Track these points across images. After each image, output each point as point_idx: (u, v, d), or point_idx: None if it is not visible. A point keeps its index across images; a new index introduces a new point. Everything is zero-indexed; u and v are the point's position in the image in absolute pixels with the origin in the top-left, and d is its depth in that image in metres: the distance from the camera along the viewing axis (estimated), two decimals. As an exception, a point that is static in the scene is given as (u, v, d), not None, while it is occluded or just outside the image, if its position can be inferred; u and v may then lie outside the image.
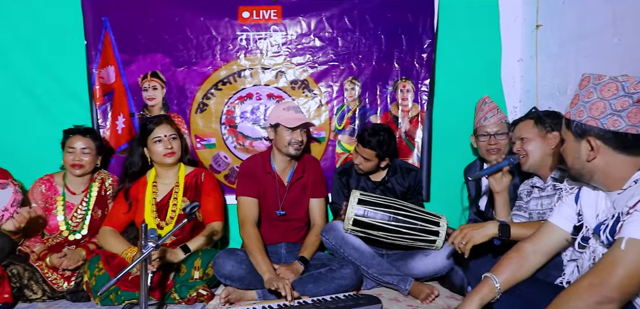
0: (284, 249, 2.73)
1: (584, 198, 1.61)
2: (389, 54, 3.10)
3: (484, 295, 1.69)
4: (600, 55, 2.43)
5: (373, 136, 2.62)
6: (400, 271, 2.50)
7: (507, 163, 2.16)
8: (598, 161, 1.44)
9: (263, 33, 3.09)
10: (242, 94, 3.11)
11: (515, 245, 1.78)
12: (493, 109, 2.65)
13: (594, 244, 1.53)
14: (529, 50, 3.12)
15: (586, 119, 1.43)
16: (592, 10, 2.52)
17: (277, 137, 2.65)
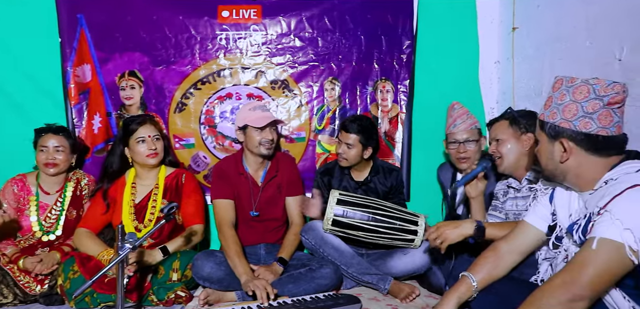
0: (263, 249, 2.71)
1: (557, 198, 1.65)
2: (369, 54, 3.12)
3: (461, 294, 1.73)
4: (574, 57, 2.49)
5: (355, 122, 2.66)
6: (379, 270, 2.51)
7: (481, 169, 2.20)
8: (571, 162, 1.48)
9: (243, 32, 3.07)
10: (222, 94, 3.09)
11: (492, 244, 1.82)
12: (462, 115, 2.56)
13: (567, 244, 1.57)
14: (506, 53, 3.17)
15: (559, 121, 1.46)
16: (566, 14, 2.58)
17: (247, 139, 2.63)
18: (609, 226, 1.28)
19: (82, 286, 1.71)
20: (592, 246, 1.30)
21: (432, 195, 3.04)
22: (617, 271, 1.30)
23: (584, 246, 1.35)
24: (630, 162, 1.41)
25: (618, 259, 1.27)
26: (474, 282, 1.73)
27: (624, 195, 1.30)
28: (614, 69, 2.17)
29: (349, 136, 2.65)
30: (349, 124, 2.66)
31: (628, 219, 1.26)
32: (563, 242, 1.60)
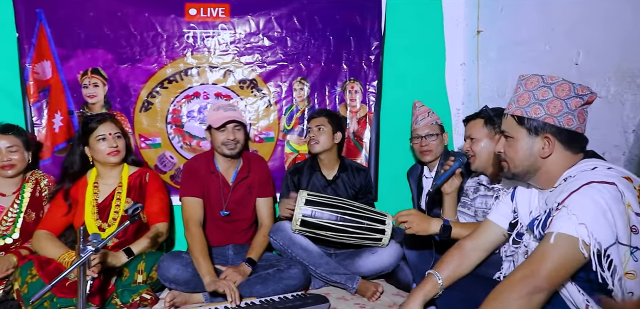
0: (232, 250, 2.69)
1: (518, 196, 1.71)
2: (338, 55, 3.14)
3: (427, 291, 1.76)
4: (534, 61, 2.58)
5: (322, 109, 2.85)
6: (348, 270, 2.53)
7: (458, 165, 2.21)
8: (551, 158, 1.51)
9: (211, 31, 3.03)
10: (189, 93, 3.04)
11: (457, 243, 1.86)
12: (423, 112, 2.73)
13: (527, 240, 1.61)
14: (471, 55, 3.25)
15: (544, 116, 1.48)
16: (526, 19, 2.67)
17: (212, 139, 2.64)
18: (566, 221, 1.33)
19: (41, 291, 1.64)
20: (550, 240, 1.35)
21: (399, 195, 3.09)
22: (572, 265, 1.35)
23: (543, 241, 1.39)
24: (587, 161, 1.47)
25: (573, 253, 1.32)
26: (439, 280, 1.76)
27: (580, 191, 1.35)
28: (571, 73, 2.26)
29: (318, 118, 2.76)
30: (315, 112, 2.86)
31: (582, 214, 1.31)
32: (524, 238, 1.64)
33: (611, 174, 1.38)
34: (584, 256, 1.31)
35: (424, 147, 2.68)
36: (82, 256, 1.66)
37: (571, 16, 2.30)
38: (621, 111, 1.99)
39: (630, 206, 1.32)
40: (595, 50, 2.15)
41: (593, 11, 2.15)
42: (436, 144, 2.68)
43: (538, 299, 1.36)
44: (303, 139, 3.13)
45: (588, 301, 1.41)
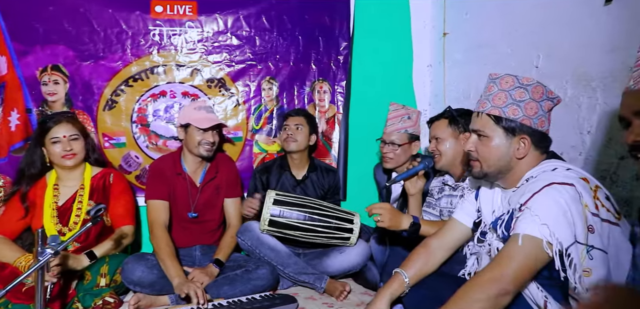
0: (199, 251, 2.65)
1: (482, 196, 1.75)
2: (307, 55, 3.14)
3: (394, 290, 1.78)
4: (497, 63, 2.65)
5: (300, 109, 2.88)
6: (316, 269, 2.53)
7: (423, 167, 2.23)
8: (525, 158, 1.53)
9: (177, 29, 2.97)
10: (155, 92, 2.97)
11: (423, 241, 1.89)
12: (394, 118, 2.61)
13: (490, 238, 1.65)
14: (438, 56, 3.31)
15: (521, 118, 1.50)
16: (489, 22, 2.74)
17: (188, 137, 2.57)
18: (530, 222, 1.37)
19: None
20: (517, 242, 1.38)
21: (368, 194, 3.11)
22: (537, 265, 1.38)
23: (509, 242, 1.42)
24: (548, 162, 1.52)
25: (538, 253, 1.36)
26: (406, 278, 1.79)
27: (542, 192, 1.39)
28: (531, 75, 2.32)
29: (297, 117, 2.76)
30: (294, 110, 2.85)
31: (545, 215, 1.35)
32: (487, 237, 1.67)
33: (570, 175, 1.42)
34: (548, 255, 1.35)
35: (385, 154, 2.61)
36: (40, 260, 1.60)
37: (532, 20, 2.37)
38: (578, 113, 2.07)
39: (587, 206, 1.37)
40: (554, 54, 2.23)
41: (552, 16, 2.22)
42: (398, 153, 2.58)
43: (505, 301, 1.39)
44: (271, 139, 3.12)
45: (547, 297, 1.45)
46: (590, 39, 2.00)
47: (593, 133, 2.01)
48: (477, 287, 1.41)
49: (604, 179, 1.92)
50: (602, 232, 1.36)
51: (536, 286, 1.47)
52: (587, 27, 2.02)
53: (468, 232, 1.82)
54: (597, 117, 1.99)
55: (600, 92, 1.96)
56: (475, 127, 1.60)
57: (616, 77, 1.87)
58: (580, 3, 2.05)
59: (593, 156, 2.01)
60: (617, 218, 1.41)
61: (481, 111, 1.58)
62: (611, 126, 1.91)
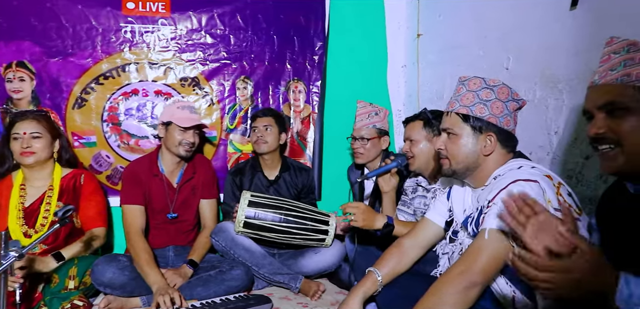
0: (172, 252, 2.62)
1: (454, 195, 1.78)
2: (282, 54, 3.13)
3: (367, 289, 1.80)
4: (469, 65, 2.70)
5: (268, 109, 2.86)
6: (291, 270, 2.53)
7: (395, 165, 2.25)
8: (491, 155, 1.57)
9: (150, 26, 2.92)
10: (127, 90, 2.92)
11: (396, 240, 1.92)
12: (363, 114, 2.65)
13: (462, 237, 1.68)
14: (412, 57, 3.35)
15: (488, 116, 1.55)
16: (462, 24, 2.79)
17: (168, 135, 2.54)
18: (496, 218, 1.39)
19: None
20: (484, 236, 1.42)
21: (343, 194, 3.09)
22: (503, 258, 1.41)
23: (477, 237, 1.46)
24: (514, 160, 1.56)
25: (503, 246, 1.39)
26: (379, 277, 1.81)
27: (507, 189, 1.41)
28: (502, 77, 2.35)
29: (265, 118, 2.74)
30: (261, 111, 2.83)
31: None
32: (459, 236, 1.71)
33: (534, 173, 1.46)
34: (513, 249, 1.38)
35: (356, 149, 2.64)
36: (3, 263, 1.55)
37: (502, 24, 2.43)
38: (545, 114, 2.13)
39: (550, 202, 1.41)
40: (523, 57, 2.28)
41: (521, 20, 2.28)
42: (368, 148, 2.60)
43: (473, 293, 1.42)
44: (246, 138, 3.10)
45: (515, 292, 1.49)
46: (557, 42, 2.06)
47: (560, 134, 2.07)
48: (447, 282, 1.45)
49: (570, 178, 1.98)
50: (564, 227, 1.41)
51: (505, 281, 1.50)
52: (554, 31, 2.07)
53: (440, 231, 1.84)
54: (563, 118, 2.05)
55: (566, 93, 2.02)
56: (444, 126, 1.65)
57: (581, 79, 1.93)
58: (547, 8, 2.11)
59: (560, 155, 2.07)
60: (578, 214, 1.46)
61: (450, 110, 1.62)
62: (577, 127, 1.97)
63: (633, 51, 1.12)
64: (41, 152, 2.36)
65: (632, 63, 1.11)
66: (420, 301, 1.47)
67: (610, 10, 1.79)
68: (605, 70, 1.16)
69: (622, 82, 1.11)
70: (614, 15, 1.78)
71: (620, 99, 1.10)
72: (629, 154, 1.10)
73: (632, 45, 1.14)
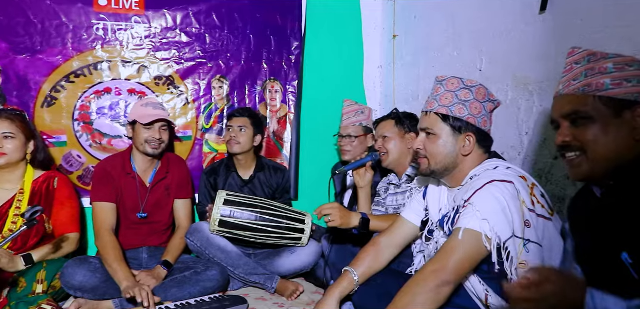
0: (146, 253, 2.57)
1: (430, 195, 1.80)
2: (258, 54, 3.12)
3: (343, 288, 1.81)
4: (444, 66, 2.74)
5: (244, 109, 2.82)
6: (267, 270, 2.52)
7: (370, 159, 2.29)
8: (470, 155, 1.60)
9: (123, 24, 2.86)
10: (100, 88, 2.85)
11: (372, 239, 1.93)
12: (349, 112, 2.72)
13: (438, 236, 1.70)
14: (388, 58, 3.38)
15: (467, 116, 1.57)
16: (437, 26, 2.83)
17: (135, 135, 2.50)
18: (471, 218, 1.43)
19: None
20: (458, 236, 1.44)
21: (320, 194, 3.10)
22: (476, 258, 1.44)
23: (451, 236, 1.48)
24: (490, 161, 1.59)
25: (477, 246, 1.42)
26: (355, 276, 1.82)
27: (483, 189, 1.45)
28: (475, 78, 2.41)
29: (241, 118, 2.72)
30: (238, 110, 2.80)
31: (485, 210, 1.41)
32: (434, 235, 1.72)
33: (509, 174, 1.49)
34: (487, 249, 1.41)
35: (343, 146, 2.70)
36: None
37: (476, 26, 2.47)
38: (517, 115, 2.18)
39: (524, 202, 1.44)
40: (496, 59, 2.33)
41: (494, 23, 2.32)
42: (355, 145, 2.67)
43: (446, 292, 1.44)
44: (222, 138, 3.07)
45: (487, 291, 1.51)
46: (527, 45, 2.11)
47: (530, 134, 2.12)
48: (420, 280, 1.46)
49: (540, 178, 2.03)
50: (538, 227, 1.44)
51: (478, 280, 1.53)
52: (524, 35, 2.13)
53: (416, 230, 1.86)
54: (534, 120, 2.10)
55: (536, 95, 2.07)
56: (423, 126, 1.65)
57: (551, 81, 1.98)
58: (518, 12, 2.16)
59: (530, 156, 2.12)
60: (550, 214, 1.50)
61: (429, 110, 1.63)
62: (546, 128, 2.03)
63: (593, 61, 1.16)
64: (13, 154, 2.29)
65: (592, 73, 1.14)
66: (394, 299, 1.48)
67: (577, 14, 1.85)
68: (568, 81, 1.20)
69: (583, 92, 1.15)
70: (580, 19, 1.83)
71: (583, 108, 1.14)
72: (593, 161, 1.13)
73: (592, 55, 1.17)
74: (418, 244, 1.89)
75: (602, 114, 1.11)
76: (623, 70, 1.11)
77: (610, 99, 1.11)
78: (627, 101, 1.10)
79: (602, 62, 1.14)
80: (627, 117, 1.10)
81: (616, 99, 1.10)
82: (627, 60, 1.13)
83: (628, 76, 1.10)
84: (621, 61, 1.13)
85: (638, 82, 1.10)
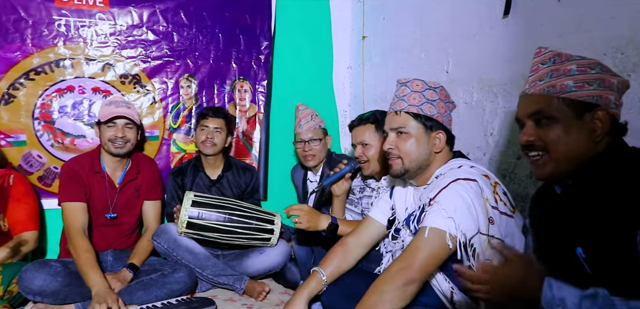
0: (111, 256, 2.50)
1: (396, 194, 1.82)
2: (227, 53, 3.09)
3: (312, 288, 1.81)
4: (412, 67, 2.78)
5: (219, 109, 2.76)
6: (235, 271, 2.49)
7: (349, 169, 2.22)
8: (440, 154, 1.63)
9: (87, 20, 2.78)
10: (62, 86, 2.76)
11: (340, 239, 1.94)
12: (306, 116, 2.63)
13: (404, 235, 1.72)
14: (357, 59, 3.41)
15: (436, 115, 1.60)
16: (405, 28, 2.87)
17: (100, 135, 2.44)
18: (437, 216, 1.45)
19: None
20: (424, 234, 1.46)
21: (289, 194, 3.13)
22: (442, 255, 1.47)
23: (417, 235, 1.50)
24: (455, 160, 1.62)
25: (442, 244, 1.44)
26: (323, 276, 1.83)
27: (448, 187, 1.48)
28: (442, 80, 2.47)
29: (217, 119, 2.69)
30: (213, 110, 2.73)
31: (451, 208, 1.44)
32: (401, 234, 1.75)
33: (473, 172, 1.53)
34: (450, 247, 1.43)
35: (307, 152, 2.59)
36: None
37: (443, 29, 2.52)
38: (482, 117, 2.23)
39: (488, 200, 1.48)
40: (462, 61, 2.38)
41: (460, 26, 2.38)
42: (319, 148, 2.60)
43: (412, 290, 1.46)
44: (190, 137, 3.03)
45: (453, 288, 1.55)
46: (492, 48, 2.16)
47: (495, 135, 2.17)
48: (387, 279, 1.48)
49: (504, 177, 2.09)
50: (501, 223, 1.48)
51: (443, 277, 1.56)
52: (489, 38, 2.18)
53: (383, 229, 1.88)
54: (499, 121, 2.15)
55: (501, 97, 2.13)
56: (395, 125, 1.65)
57: (515, 84, 2.04)
58: (483, 16, 2.21)
59: (495, 156, 2.17)
60: (512, 211, 1.54)
61: (399, 110, 1.64)
62: (510, 129, 2.08)
63: (558, 62, 1.19)
64: None
65: (557, 74, 1.17)
66: (361, 298, 1.50)
67: (538, 20, 1.91)
68: (534, 81, 1.23)
69: (548, 92, 1.17)
70: (541, 24, 1.89)
71: (547, 109, 1.17)
72: (555, 161, 1.16)
73: (557, 56, 1.20)
74: (386, 243, 1.91)
75: (564, 115, 1.14)
76: (585, 72, 1.14)
77: (573, 101, 1.14)
78: (588, 103, 1.13)
79: (567, 63, 1.17)
80: (587, 119, 1.13)
81: (578, 101, 1.13)
82: (590, 62, 1.16)
83: (589, 79, 1.14)
84: (584, 63, 1.16)
85: (598, 86, 1.13)
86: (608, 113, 1.13)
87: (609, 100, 1.14)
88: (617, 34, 1.58)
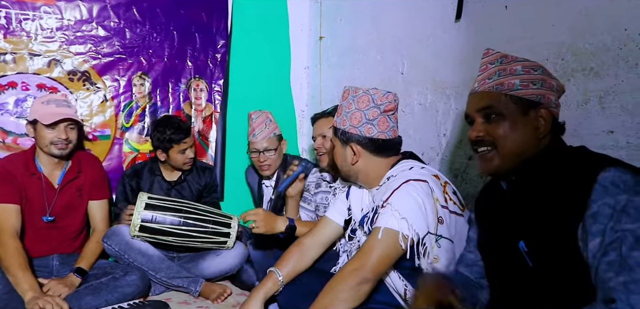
0: (56, 261, 2.39)
1: (352, 195, 1.84)
2: (182, 51, 3.03)
3: (267, 289, 1.81)
4: (368, 68, 2.82)
5: (183, 125, 2.62)
6: (191, 273, 2.45)
7: (301, 170, 2.24)
8: (360, 164, 1.67)
9: (30, 13, 2.65)
10: (3, 82, 2.62)
11: (297, 240, 1.95)
12: (260, 124, 2.53)
13: (359, 235, 1.75)
14: (314, 59, 3.42)
15: (348, 127, 1.64)
16: (361, 29, 2.90)
17: (37, 135, 2.30)
18: (390, 217, 1.48)
19: None
20: (377, 235, 1.48)
21: (246, 194, 3.10)
22: (394, 255, 1.50)
23: (371, 235, 1.52)
24: (406, 161, 1.66)
25: (395, 244, 1.47)
26: (280, 276, 1.82)
27: (400, 189, 1.51)
28: (397, 81, 2.52)
29: (189, 138, 2.63)
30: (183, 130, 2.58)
31: (403, 209, 1.47)
32: (357, 234, 1.77)
33: (424, 173, 1.57)
34: (403, 247, 1.46)
35: (262, 162, 2.52)
36: None
37: (398, 31, 2.57)
38: (436, 118, 2.29)
39: (438, 200, 1.53)
40: (416, 63, 2.44)
41: (414, 28, 2.43)
42: (275, 157, 2.53)
43: (365, 289, 1.49)
44: (143, 137, 2.94)
45: (407, 286, 1.58)
46: (445, 51, 2.23)
47: (448, 136, 2.24)
48: (341, 279, 1.50)
49: (456, 177, 2.16)
50: (450, 223, 1.53)
51: (397, 276, 1.59)
52: (442, 41, 2.24)
53: (340, 230, 1.90)
54: (451, 122, 2.22)
55: (453, 99, 2.19)
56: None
57: (466, 85, 2.10)
58: (436, 19, 2.27)
59: (447, 156, 2.24)
60: (461, 210, 1.60)
61: None
62: (462, 130, 2.15)
63: (505, 63, 1.25)
64: None
65: (504, 73, 1.23)
66: (317, 298, 1.51)
67: (487, 24, 1.98)
68: (483, 79, 1.28)
69: (496, 90, 1.23)
70: (491, 28, 1.97)
71: (496, 105, 1.22)
72: (502, 156, 1.22)
73: (503, 57, 1.26)
74: (342, 243, 1.93)
75: (511, 112, 1.20)
76: (529, 73, 1.21)
77: (519, 98, 1.20)
78: (533, 101, 1.19)
79: (513, 64, 1.23)
80: (531, 116, 1.19)
81: (524, 98, 1.19)
82: (533, 65, 1.23)
83: (534, 79, 1.20)
84: (528, 65, 1.23)
85: (541, 86, 1.20)
86: (550, 112, 1.19)
87: (551, 100, 1.20)
88: (558, 41, 1.67)
